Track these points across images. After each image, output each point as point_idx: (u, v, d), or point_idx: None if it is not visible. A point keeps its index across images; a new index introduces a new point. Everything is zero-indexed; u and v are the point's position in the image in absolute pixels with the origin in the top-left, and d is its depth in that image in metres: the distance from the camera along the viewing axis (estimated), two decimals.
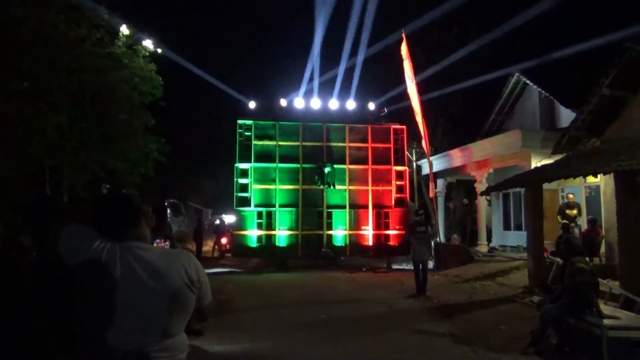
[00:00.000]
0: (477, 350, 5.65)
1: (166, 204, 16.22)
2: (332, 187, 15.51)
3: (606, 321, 5.04)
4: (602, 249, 10.62)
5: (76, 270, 1.78)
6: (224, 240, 19.47)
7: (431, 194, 16.81)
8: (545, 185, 10.18)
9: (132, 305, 1.73)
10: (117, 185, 12.00)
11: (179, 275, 1.82)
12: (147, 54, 10.87)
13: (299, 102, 16.49)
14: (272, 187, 15.52)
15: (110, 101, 9.98)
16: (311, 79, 18.95)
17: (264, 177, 15.56)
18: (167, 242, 4.97)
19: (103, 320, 1.73)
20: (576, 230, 11.28)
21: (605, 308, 5.43)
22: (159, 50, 11.36)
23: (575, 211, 11.61)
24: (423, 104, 15.91)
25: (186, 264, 1.86)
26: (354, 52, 19.58)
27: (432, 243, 15.24)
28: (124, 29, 10.37)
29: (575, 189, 13.61)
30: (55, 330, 2.13)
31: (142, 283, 1.75)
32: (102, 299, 1.74)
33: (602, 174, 8.20)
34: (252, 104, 16.27)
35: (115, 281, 1.74)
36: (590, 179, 10.86)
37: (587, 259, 6.06)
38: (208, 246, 20.61)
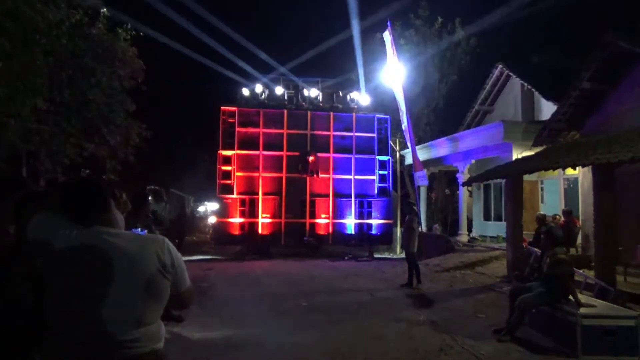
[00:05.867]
0: (456, 338, 5.74)
1: (147, 190, 16.02)
2: (315, 175, 15.50)
3: (582, 310, 5.17)
4: (579, 240, 10.86)
5: (44, 258, 1.72)
6: None
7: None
8: (525, 177, 10.33)
9: (102, 293, 1.66)
10: (97, 171, 11.79)
11: (151, 260, 1.74)
12: (128, 37, 10.62)
13: (282, 90, 16.37)
14: (256, 174, 15.45)
15: (89, 84, 9.75)
16: (296, 66, 18.82)
17: (248, 165, 15.47)
18: (144, 231, 4.88)
19: (73, 310, 1.67)
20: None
21: (580, 297, 5.56)
22: (141, 34, 11.10)
23: None
24: (407, 94, 15.94)
25: (159, 248, 1.79)
26: (340, 40, 19.49)
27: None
28: (105, 11, 10.11)
29: (554, 181, 13.86)
30: (29, 323, 2.06)
31: (113, 269, 1.68)
32: (70, 288, 1.68)
33: (580, 167, 8.34)
34: (245, 91, 16.06)
35: (84, 269, 1.68)
36: (569, 171, 11.06)
37: (564, 249, 6.18)
38: (196, 236, 20.45)
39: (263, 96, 16.07)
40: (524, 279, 6.75)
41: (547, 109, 13.84)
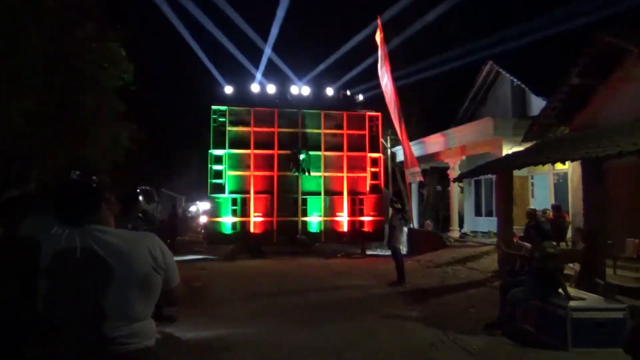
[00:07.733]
0: (448, 333, 5.78)
1: (138, 191, 15.91)
2: (307, 173, 15.49)
3: (572, 303, 5.23)
4: (569, 234, 10.96)
5: (37, 259, 1.72)
6: None
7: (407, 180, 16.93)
8: (516, 172, 10.41)
9: (97, 290, 1.69)
10: (87, 172, 11.69)
11: (144, 257, 1.78)
12: (118, 37, 10.51)
13: (273, 88, 16.33)
14: (247, 173, 15.41)
15: (78, 85, 9.65)
16: (286, 64, 18.77)
17: (239, 164, 15.41)
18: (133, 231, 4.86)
19: (68, 308, 1.69)
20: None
21: (570, 290, 5.62)
22: (131, 33, 10.99)
23: None
24: (397, 91, 15.96)
25: (150, 245, 1.83)
26: (331, 39, 19.48)
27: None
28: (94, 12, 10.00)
29: (544, 176, 13.97)
30: (19, 320, 2.05)
31: (105, 266, 1.70)
32: (65, 287, 1.69)
33: (570, 161, 8.41)
34: (227, 89, 16.00)
35: (78, 267, 1.69)
36: (559, 166, 11.16)
37: (554, 243, 6.25)
38: (188, 236, 20.31)
39: (254, 94, 16.03)
40: (514, 273, 6.81)
41: (537, 104, 13.94)
